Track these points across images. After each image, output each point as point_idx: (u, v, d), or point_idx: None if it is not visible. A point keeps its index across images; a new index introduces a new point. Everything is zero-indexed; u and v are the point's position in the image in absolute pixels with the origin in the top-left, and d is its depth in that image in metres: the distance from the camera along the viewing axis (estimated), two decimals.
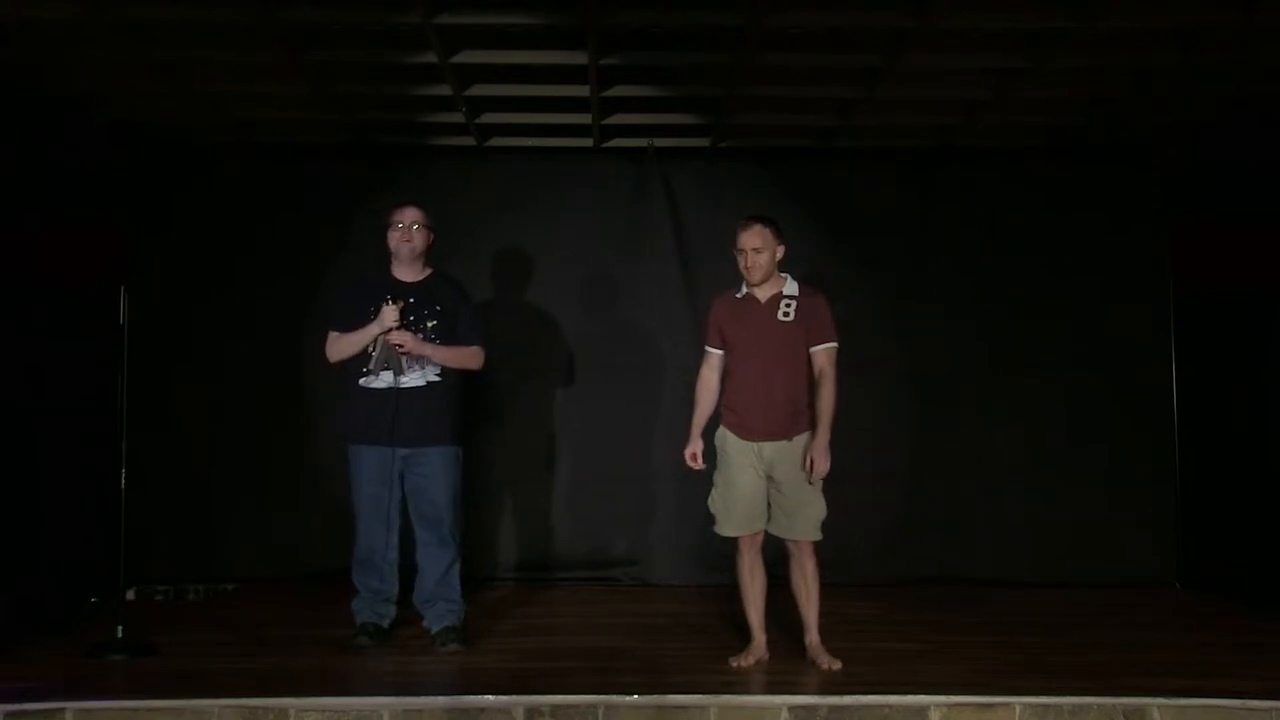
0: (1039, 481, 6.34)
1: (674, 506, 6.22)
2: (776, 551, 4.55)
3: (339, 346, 4.74)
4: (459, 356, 4.77)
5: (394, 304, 4.63)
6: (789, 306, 4.45)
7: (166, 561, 6.04)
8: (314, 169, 6.43)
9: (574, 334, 6.43)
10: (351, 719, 3.83)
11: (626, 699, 3.89)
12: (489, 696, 3.88)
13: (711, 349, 4.61)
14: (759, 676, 4.31)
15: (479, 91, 5.62)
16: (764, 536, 4.52)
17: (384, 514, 4.71)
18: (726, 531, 4.53)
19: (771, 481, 4.44)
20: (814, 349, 4.43)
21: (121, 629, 4.55)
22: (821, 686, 4.11)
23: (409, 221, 4.76)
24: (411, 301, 4.72)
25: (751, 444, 4.44)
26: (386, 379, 4.67)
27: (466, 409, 4.93)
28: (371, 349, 4.68)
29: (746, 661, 4.43)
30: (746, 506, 4.46)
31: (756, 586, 4.53)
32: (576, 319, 6.45)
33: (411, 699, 3.90)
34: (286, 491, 6.27)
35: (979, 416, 6.37)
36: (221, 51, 5.12)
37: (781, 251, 4.48)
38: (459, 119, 5.98)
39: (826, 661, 4.40)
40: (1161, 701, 3.88)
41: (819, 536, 4.45)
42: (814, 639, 4.48)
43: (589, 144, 6.37)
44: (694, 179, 6.48)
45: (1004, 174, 6.52)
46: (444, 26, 4.83)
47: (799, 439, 4.41)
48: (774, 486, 4.44)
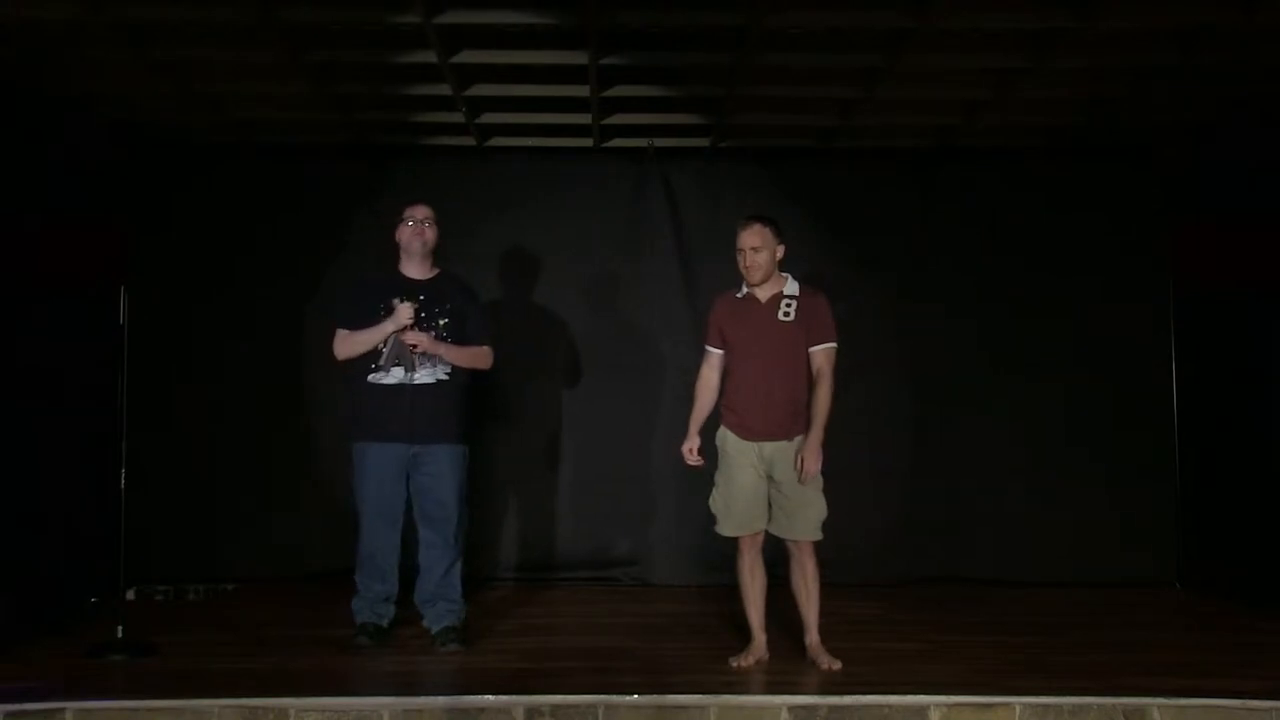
0: (1039, 481, 6.34)
1: (674, 506, 6.23)
2: (777, 551, 4.55)
3: (350, 344, 4.71)
4: (471, 356, 4.78)
5: (407, 302, 4.63)
6: (789, 306, 4.45)
7: (166, 561, 6.04)
8: (314, 169, 6.44)
9: (574, 334, 6.43)
10: (351, 719, 3.83)
11: (626, 699, 3.89)
12: (489, 696, 3.88)
13: (712, 348, 4.61)
14: (759, 676, 4.30)
15: (479, 91, 5.62)
16: (764, 536, 4.52)
17: (390, 513, 4.71)
18: (727, 531, 4.53)
19: (772, 481, 4.44)
20: (813, 349, 4.42)
21: (121, 629, 4.55)
22: (821, 686, 4.11)
23: (421, 217, 4.77)
24: (422, 299, 4.72)
25: (752, 444, 4.44)
26: (397, 375, 4.66)
27: (473, 408, 4.93)
28: (382, 345, 4.67)
29: (746, 661, 4.43)
30: (747, 506, 4.46)
31: (757, 586, 4.53)
32: (576, 319, 6.45)
33: (411, 699, 3.89)
34: (286, 491, 6.27)
35: (979, 416, 6.37)
36: (221, 51, 5.12)
37: (781, 251, 4.48)
38: (459, 119, 5.98)
39: (826, 661, 4.39)
40: (1161, 701, 3.88)
41: (819, 536, 4.45)
42: (814, 639, 4.48)
43: (589, 144, 6.37)
44: (694, 179, 6.48)
45: (1004, 174, 6.52)
46: (444, 26, 4.83)
47: (799, 439, 4.40)
48: (774, 486, 4.44)
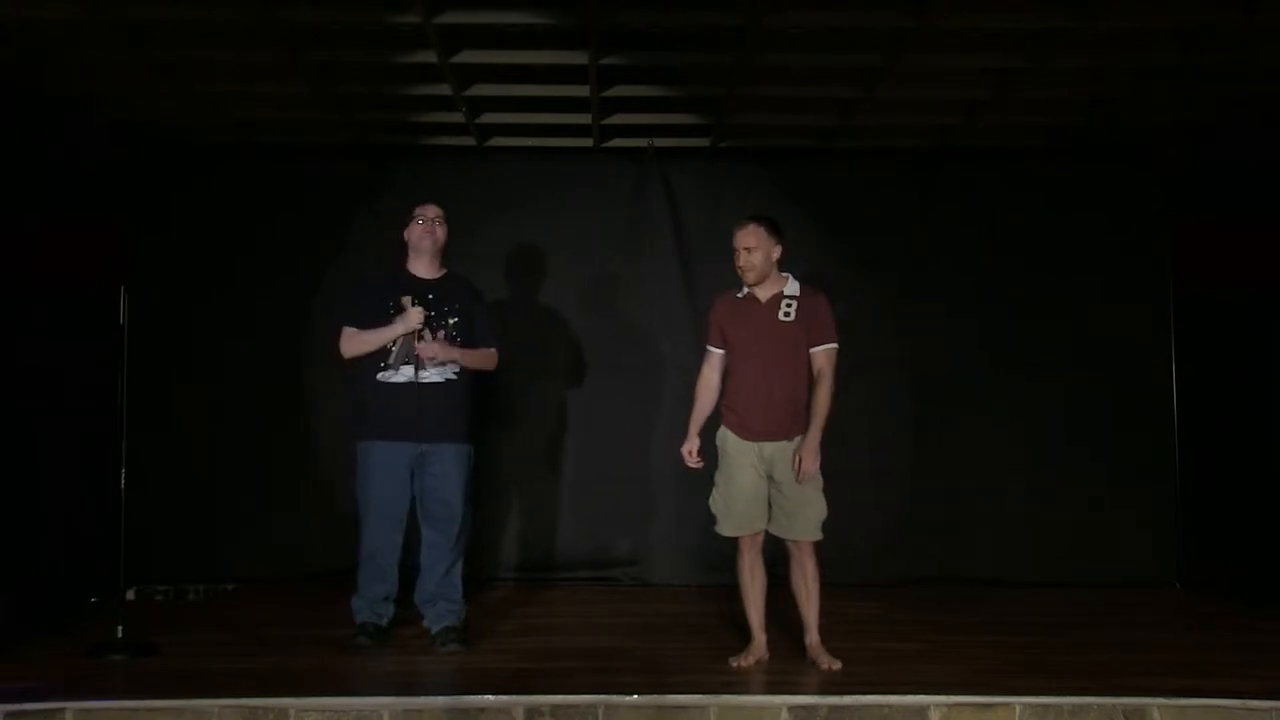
0: (1039, 481, 6.34)
1: (674, 506, 6.22)
2: (777, 551, 4.55)
3: (358, 342, 4.68)
4: (481, 359, 4.80)
5: (417, 304, 4.62)
6: (789, 306, 4.44)
7: (166, 561, 6.03)
8: (314, 169, 6.44)
9: (574, 334, 6.43)
10: (351, 719, 3.83)
11: (626, 699, 3.88)
12: (489, 696, 3.88)
13: (713, 348, 4.61)
14: (759, 676, 4.30)
15: (479, 91, 5.62)
16: (764, 536, 4.52)
17: (394, 513, 4.70)
18: (727, 531, 4.53)
19: (772, 481, 4.44)
20: (814, 349, 4.42)
21: (121, 629, 4.54)
22: (821, 686, 4.11)
23: (432, 216, 4.77)
24: (431, 298, 4.72)
25: (752, 444, 4.44)
26: (406, 374, 4.65)
27: (479, 408, 4.93)
28: (392, 344, 4.66)
29: (746, 661, 4.43)
30: (747, 506, 4.46)
31: (757, 586, 4.53)
32: (577, 319, 6.45)
33: (411, 699, 3.89)
34: (286, 491, 6.27)
35: (979, 416, 6.37)
36: (221, 51, 5.12)
37: (778, 251, 4.47)
38: (459, 119, 5.98)
39: (826, 661, 4.39)
40: (1161, 701, 3.88)
41: (819, 536, 4.45)
42: (814, 639, 4.48)
43: (589, 144, 6.37)
44: (694, 179, 6.48)
45: (1004, 174, 6.52)
46: (444, 26, 4.83)
47: (799, 439, 4.40)
48: (774, 486, 4.44)
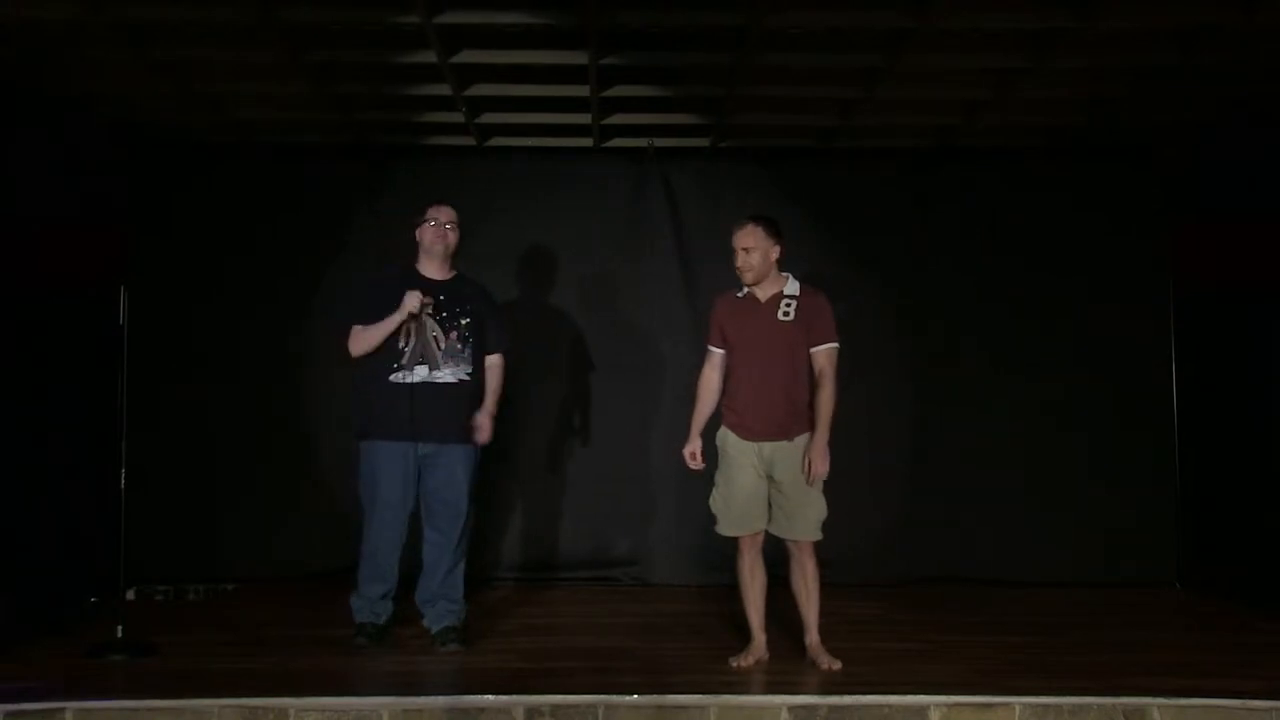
0: (1039, 482, 6.33)
1: (674, 506, 6.22)
2: (777, 551, 4.55)
3: (363, 339, 4.66)
4: (499, 382, 4.85)
5: (415, 291, 4.62)
6: (789, 306, 4.44)
7: (166, 561, 6.03)
8: (314, 169, 6.44)
9: (574, 334, 6.43)
10: (351, 719, 3.83)
11: (626, 699, 3.88)
12: (489, 696, 3.88)
13: (713, 348, 4.61)
14: (759, 676, 4.30)
15: (479, 91, 5.62)
16: (764, 536, 4.52)
17: (398, 512, 4.69)
18: (727, 531, 4.53)
19: (772, 482, 4.44)
20: (814, 349, 4.42)
21: (121, 629, 4.54)
22: (821, 686, 4.11)
23: (446, 220, 4.76)
24: (442, 299, 4.72)
25: (752, 444, 4.44)
26: (421, 374, 4.65)
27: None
28: (404, 344, 4.66)
29: (746, 661, 4.42)
30: (747, 506, 4.46)
31: (756, 586, 4.52)
32: (576, 319, 6.44)
33: (411, 699, 3.89)
34: (286, 491, 6.27)
35: (979, 416, 6.37)
36: (221, 51, 5.13)
37: (777, 251, 4.46)
38: (459, 119, 5.98)
39: (826, 661, 4.39)
40: (1161, 701, 3.88)
41: (819, 536, 4.45)
42: (814, 639, 4.48)
43: (589, 144, 6.37)
44: (694, 179, 6.48)
45: (1004, 174, 6.52)
46: (444, 26, 4.83)
47: (799, 439, 4.40)
48: (774, 486, 4.44)
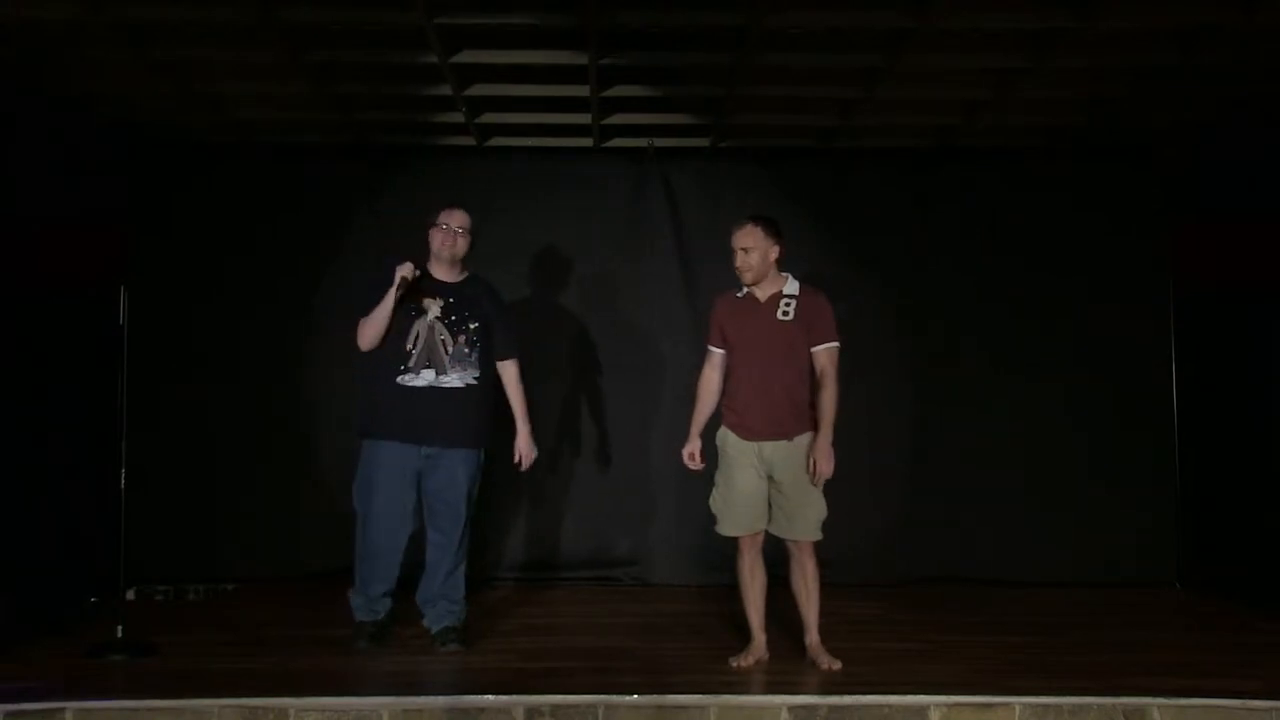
0: (1039, 482, 6.33)
1: (674, 506, 6.22)
2: (777, 551, 4.55)
3: (366, 327, 4.64)
4: (521, 392, 4.87)
5: (408, 263, 4.59)
6: (789, 306, 4.44)
7: (166, 561, 6.02)
8: (314, 169, 6.43)
9: (574, 334, 6.43)
10: (351, 719, 3.83)
11: (626, 699, 3.89)
12: (489, 696, 3.88)
13: (714, 348, 4.61)
14: (759, 676, 4.31)
15: (479, 91, 5.62)
16: (764, 536, 4.52)
17: (399, 512, 4.67)
18: (727, 531, 4.53)
19: (772, 482, 4.44)
20: (815, 349, 4.42)
21: (121, 629, 4.54)
22: (821, 686, 4.11)
23: (455, 225, 4.72)
24: (451, 302, 4.71)
25: (752, 444, 4.44)
26: (428, 377, 4.64)
27: (496, 410, 4.89)
28: (412, 346, 4.64)
29: (746, 661, 4.43)
30: (747, 506, 4.46)
31: (756, 586, 4.53)
32: (576, 319, 6.44)
33: (411, 699, 3.89)
34: (286, 491, 6.26)
35: (979, 416, 6.37)
36: (221, 51, 5.12)
37: (777, 251, 4.46)
38: (459, 119, 5.98)
39: (826, 661, 4.40)
40: (1161, 701, 3.88)
41: (819, 537, 4.45)
42: (814, 639, 4.48)
43: (589, 144, 6.37)
44: (694, 179, 6.48)
45: (1004, 174, 6.51)
46: (444, 26, 4.83)
47: (800, 439, 4.40)
48: (774, 486, 4.44)
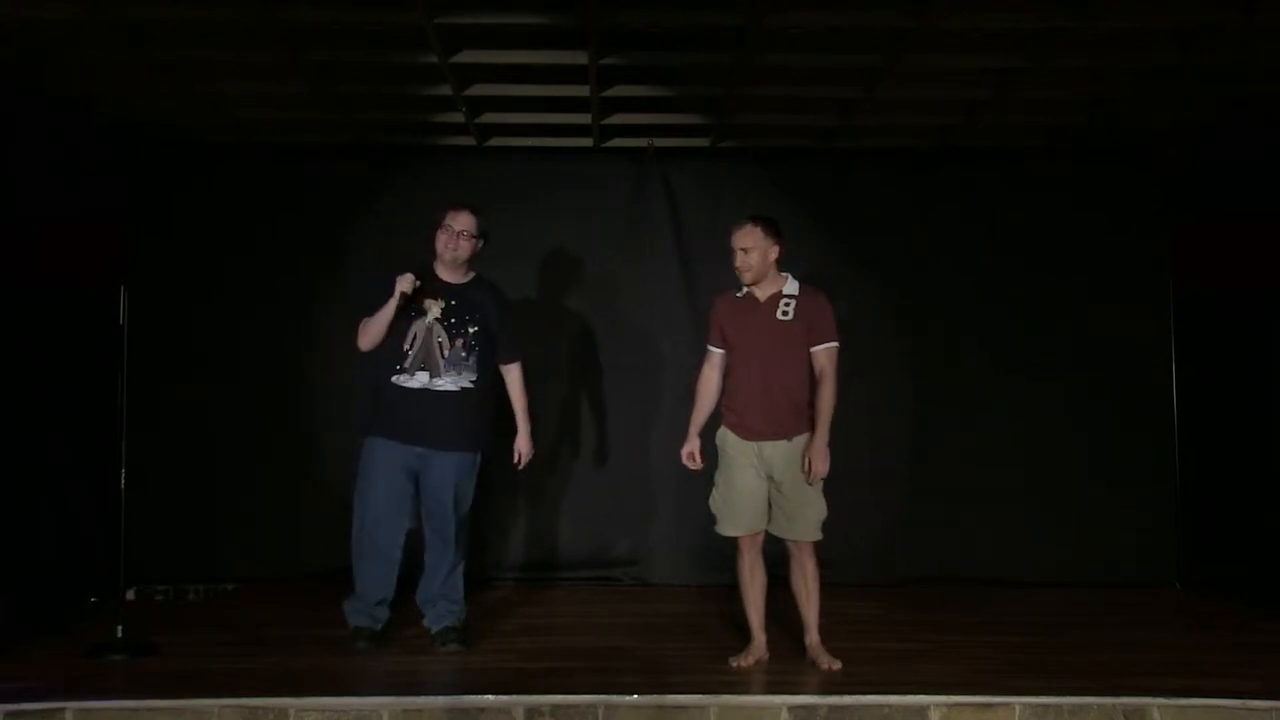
0: (1039, 481, 6.33)
1: (674, 506, 6.22)
2: (777, 551, 4.55)
3: (365, 331, 4.65)
4: (523, 396, 4.89)
5: (409, 275, 4.59)
6: (788, 306, 4.44)
7: (166, 561, 6.02)
8: (314, 169, 6.43)
9: (574, 334, 6.43)
10: (351, 719, 3.83)
11: (626, 699, 3.89)
12: (489, 696, 3.89)
13: (713, 348, 4.61)
14: (759, 676, 4.31)
15: (479, 91, 5.62)
16: (764, 536, 4.52)
17: (394, 512, 4.67)
18: (727, 531, 4.53)
19: (772, 481, 4.44)
20: (814, 349, 4.42)
21: (121, 629, 4.55)
22: (821, 686, 4.11)
23: (459, 227, 4.70)
24: (453, 304, 4.70)
25: (751, 443, 4.44)
26: (422, 379, 4.64)
27: (495, 416, 4.88)
28: (409, 347, 4.65)
29: (746, 661, 4.43)
30: (747, 506, 4.46)
31: (756, 586, 4.53)
32: (576, 319, 6.44)
33: (411, 699, 3.89)
34: (286, 491, 6.26)
35: (979, 416, 6.37)
36: (221, 51, 5.12)
37: (776, 251, 4.46)
38: (459, 119, 5.98)
39: (826, 661, 4.40)
40: (1161, 701, 3.88)
41: (819, 537, 4.45)
42: (814, 639, 4.49)
43: (589, 144, 6.37)
44: (694, 179, 6.48)
45: (1004, 174, 6.51)
46: (444, 26, 4.83)
47: (799, 439, 4.40)
48: (774, 486, 4.44)
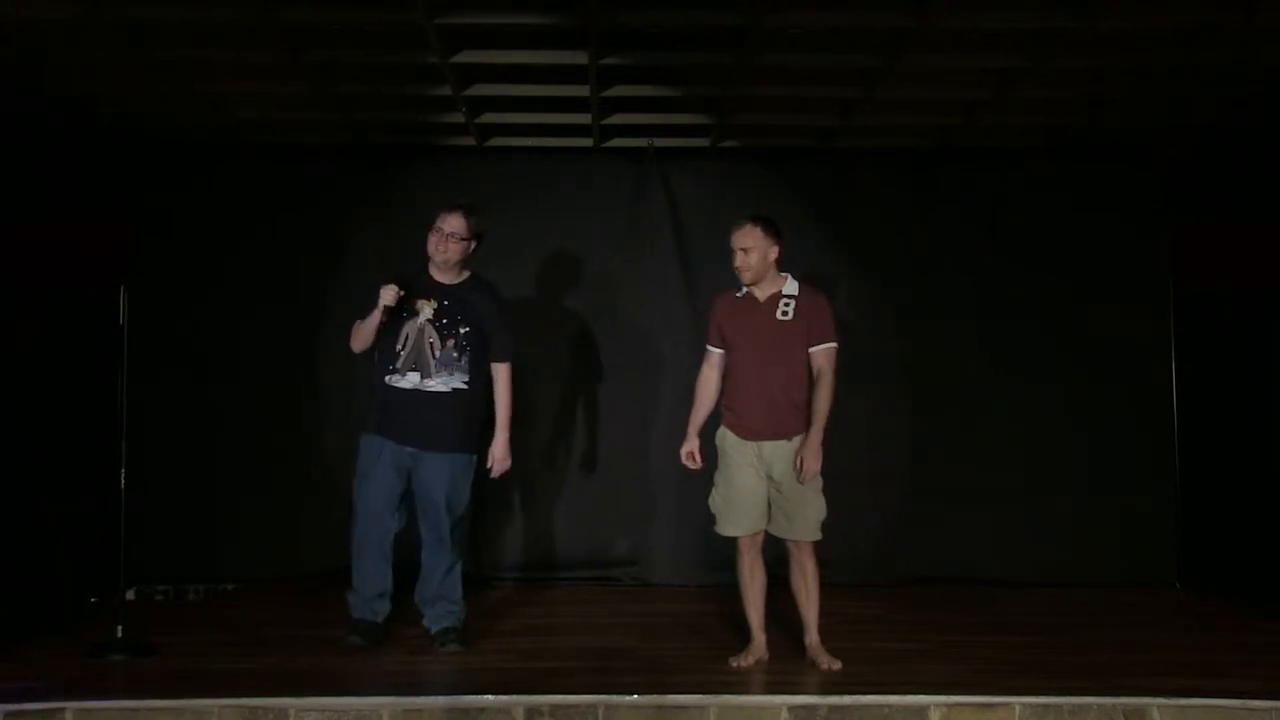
0: (1039, 481, 6.32)
1: (674, 506, 6.22)
2: (777, 551, 4.55)
3: (355, 334, 4.68)
4: (507, 396, 4.79)
5: (393, 287, 4.59)
6: (788, 306, 4.45)
7: (166, 561, 6.02)
8: (314, 169, 6.43)
9: (574, 334, 6.43)
10: (351, 719, 3.83)
11: (626, 699, 3.89)
12: (489, 696, 3.89)
13: (712, 348, 4.61)
14: (759, 676, 4.31)
15: (479, 91, 5.62)
16: (764, 536, 4.52)
17: (387, 509, 4.68)
18: (727, 531, 4.53)
19: (771, 481, 4.44)
20: (813, 349, 4.42)
21: (121, 629, 4.55)
22: (821, 686, 4.11)
23: (449, 230, 4.70)
24: (446, 304, 4.71)
25: (751, 443, 4.44)
26: (412, 380, 4.65)
27: (488, 418, 4.85)
28: (401, 347, 4.66)
29: (746, 661, 4.43)
30: (746, 506, 4.46)
31: (756, 586, 4.53)
32: (576, 319, 6.44)
33: (411, 699, 3.90)
34: (286, 491, 6.26)
35: (979, 416, 6.37)
36: (221, 51, 5.12)
37: (776, 251, 4.47)
38: (459, 119, 5.98)
39: (826, 661, 4.40)
40: (1161, 701, 3.88)
41: (819, 537, 4.45)
42: (814, 639, 4.48)
43: (589, 144, 6.36)
44: (694, 179, 6.47)
45: (1004, 174, 6.51)
46: (444, 26, 4.83)
47: (799, 439, 4.40)
48: (773, 486, 4.44)
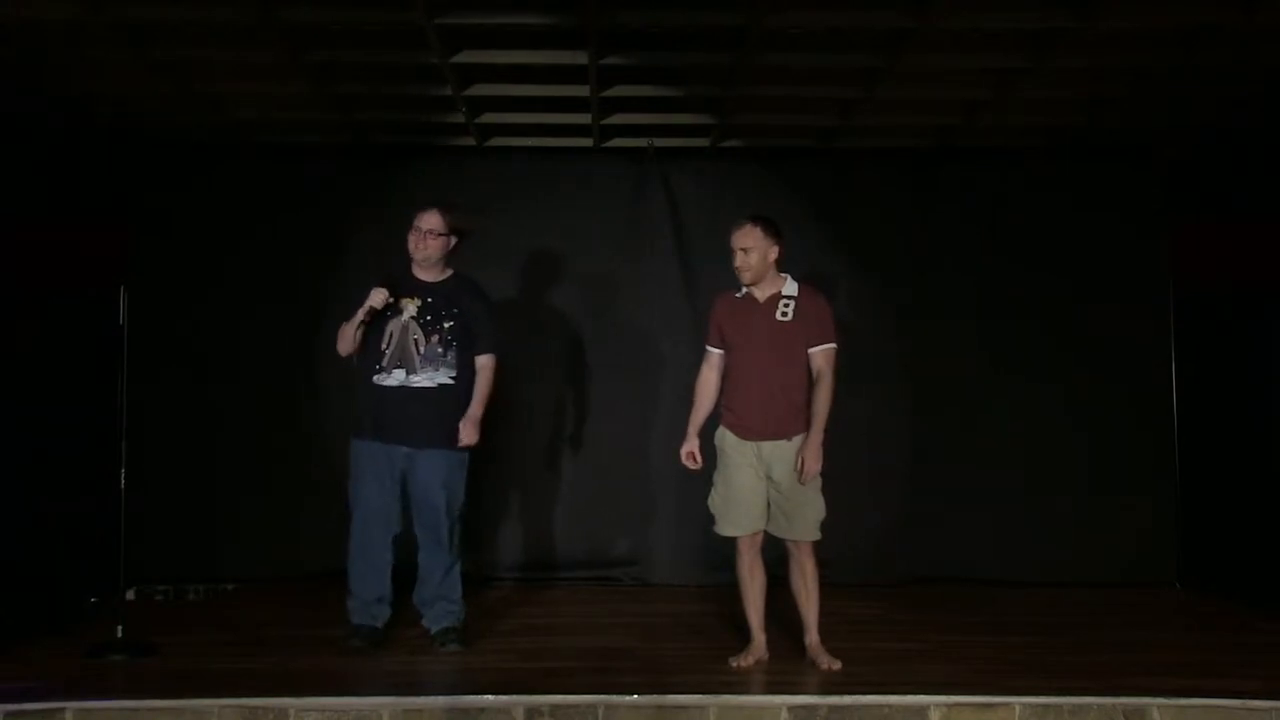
0: (1039, 482, 6.33)
1: (674, 506, 6.22)
2: (777, 551, 4.55)
3: (341, 335, 4.67)
4: (486, 384, 4.77)
5: (381, 288, 4.61)
6: (787, 306, 4.45)
7: (166, 561, 6.03)
8: (314, 169, 6.43)
9: (573, 334, 6.43)
10: (351, 719, 3.83)
11: (626, 699, 3.89)
12: (489, 696, 3.89)
13: (712, 348, 4.61)
14: (759, 676, 4.31)
15: (479, 91, 5.62)
16: (764, 536, 4.52)
17: (382, 512, 4.68)
18: (726, 531, 4.53)
19: (770, 481, 4.44)
20: (812, 349, 4.42)
21: (121, 629, 4.55)
22: (821, 686, 4.11)
23: (426, 228, 4.71)
24: (429, 301, 4.71)
25: (750, 443, 4.44)
26: (398, 377, 4.66)
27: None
28: (385, 346, 4.67)
29: (746, 661, 4.43)
30: (746, 506, 4.46)
31: (756, 586, 4.53)
32: (576, 319, 6.45)
33: (411, 699, 3.90)
34: (286, 491, 6.26)
35: (979, 416, 6.37)
36: (221, 51, 5.13)
37: (776, 252, 4.47)
38: (459, 119, 5.98)
39: (826, 661, 4.40)
40: (1161, 701, 3.88)
41: (818, 537, 4.45)
42: (814, 639, 4.48)
43: (589, 144, 6.37)
44: (694, 179, 6.48)
45: (1004, 174, 6.51)
46: (444, 26, 4.83)
47: (798, 439, 4.40)
48: (773, 486, 4.44)
